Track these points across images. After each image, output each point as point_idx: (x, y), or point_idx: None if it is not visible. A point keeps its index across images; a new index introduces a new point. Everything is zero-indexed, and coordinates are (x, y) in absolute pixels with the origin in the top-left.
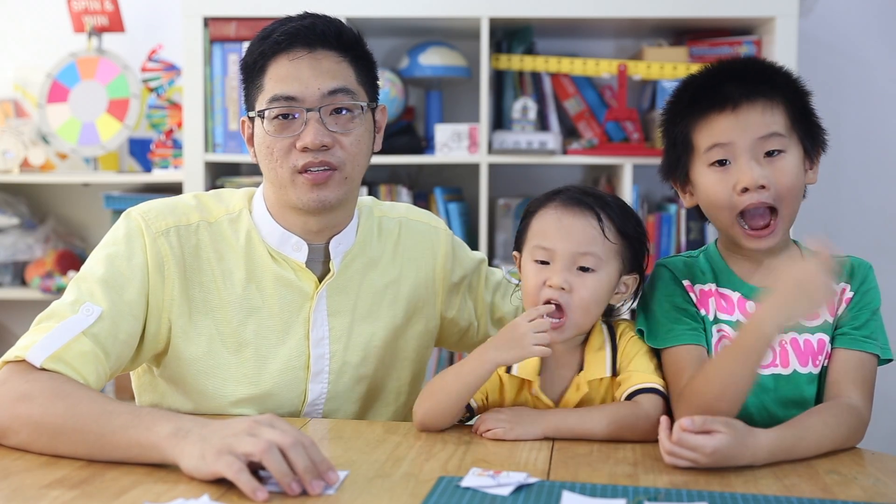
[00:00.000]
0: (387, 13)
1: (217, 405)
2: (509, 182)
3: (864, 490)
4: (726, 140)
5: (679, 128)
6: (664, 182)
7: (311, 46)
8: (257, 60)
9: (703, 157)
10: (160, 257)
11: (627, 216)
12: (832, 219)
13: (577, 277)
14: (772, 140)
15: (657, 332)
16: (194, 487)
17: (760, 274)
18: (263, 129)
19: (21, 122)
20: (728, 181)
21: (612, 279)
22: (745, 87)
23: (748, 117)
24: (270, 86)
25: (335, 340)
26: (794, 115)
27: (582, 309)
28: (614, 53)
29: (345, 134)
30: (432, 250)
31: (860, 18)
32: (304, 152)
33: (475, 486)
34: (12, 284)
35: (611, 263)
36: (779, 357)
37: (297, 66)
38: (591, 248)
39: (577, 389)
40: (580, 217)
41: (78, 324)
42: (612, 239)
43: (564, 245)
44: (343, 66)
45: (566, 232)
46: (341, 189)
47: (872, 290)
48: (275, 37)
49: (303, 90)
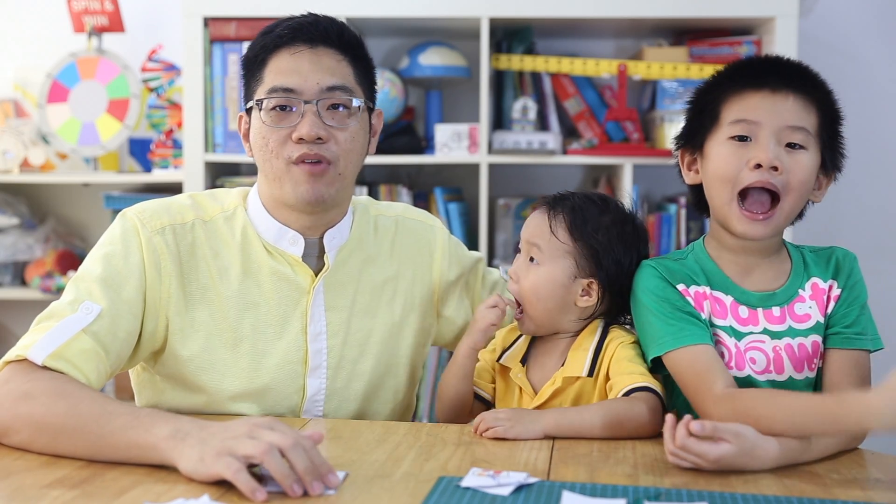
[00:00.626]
0: (387, 13)
1: (216, 400)
2: (509, 182)
3: (864, 490)
4: (754, 118)
5: (709, 97)
6: (675, 150)
7: (313, 42)
8: (258, 54)
9: (725, 130)
10: (156, 255)
11: (590, 222)
12: (832, 219)
13: (525, 269)
14: (798, 133)
15: (661, 335)
16: (194, 487)
17: (752, 277)
18: (261, 120)
19: (21, 122)
20: (743, 156)
21: (558, 277)
22: (788, 79)
23: (783, 103)
24: (270, 78)
25: (333, 335)
26: (824, 123)
27: (526, 299)
28: (614, 53)
29: (340, 129)
30: (429, 248)
31: (860, 18)
32: (299, 143)
33: (475, 486)
34: (12, 284)
35: (557, 261)
36: (773, 363)
37: (298, 59)
38: (536, 241)
39: (553, 383)
40: (538, 214)
41: (78, 322)
42: (561, 238)
43: (523, 236)
44: (343, 65)
45: (526, 226)
46: (335, 185)
47: (859, 283)
48: (277, 31)
49: (301, 83)
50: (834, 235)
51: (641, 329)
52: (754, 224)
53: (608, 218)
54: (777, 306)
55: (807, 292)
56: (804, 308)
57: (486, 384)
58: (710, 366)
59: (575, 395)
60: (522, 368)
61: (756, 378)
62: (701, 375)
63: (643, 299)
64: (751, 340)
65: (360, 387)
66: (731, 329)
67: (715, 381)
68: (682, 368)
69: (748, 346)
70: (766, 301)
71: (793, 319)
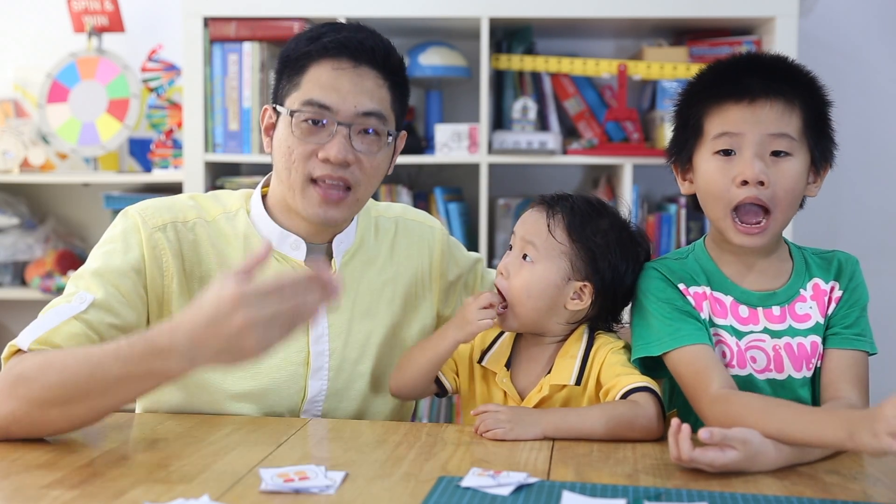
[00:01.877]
0: (387, 13)
1: (216, 399)
2: (509, 182)
3: (864, 490)
4: (736, 130)
5: (692, 111)
6: (667, 164)
7: (357, 61)
8: (301, 58)
9: (709, 144)
10: (157, 251)
11: (588, 224)
12: (832, 219)
13: (517, 266)
14: (781, 140)
15: (659, 337)
16: (194, 487)
17: (752, 277)
18: (290, 129)
19: (21, 122)
20: (729, 172)
21: (552, 277)
22: (766, 83)
23: (763, 112)
24: (308, 88)
25: (334, 337)
26: (809, 121)
27: (515, 297)
28: (614, 53)
29: (368, 155)
30: (428, 248)
31: (860, 18)
32: (324, 163)
33: (475, 486)
34: (12, 284)
35: (553, 261)
36: (773, 362)
37: (339, 76)
38: (531, 239)
39: (539, 390)
40: (536, 211)
41: (70, 310)
42: (558, 238)
43: (517, 233)
44: (382, 90)
45: (522, 222)
46: (350, 211)
47: (860, 287)
48: (324, 41)
49: (339, 102)
50: (834, 235)
51: (638, 331)
52: (750, 237)
53: (606, 222)
54: (777, 305)
55: (808, 292)
56: (805, 308)
57: (450, 373)
58: (707, 365)
59: (562, 403)
60: (507, 373)
61: (757, 377)
62: (698, 375)
63: (644, 302)
64: (751, 339)
65: (360, 387)
66: (732, 328)
67: (711, 382)
68: (680, 368)
69: (749, 345)
70: (766, 300)
71: (793, 319)
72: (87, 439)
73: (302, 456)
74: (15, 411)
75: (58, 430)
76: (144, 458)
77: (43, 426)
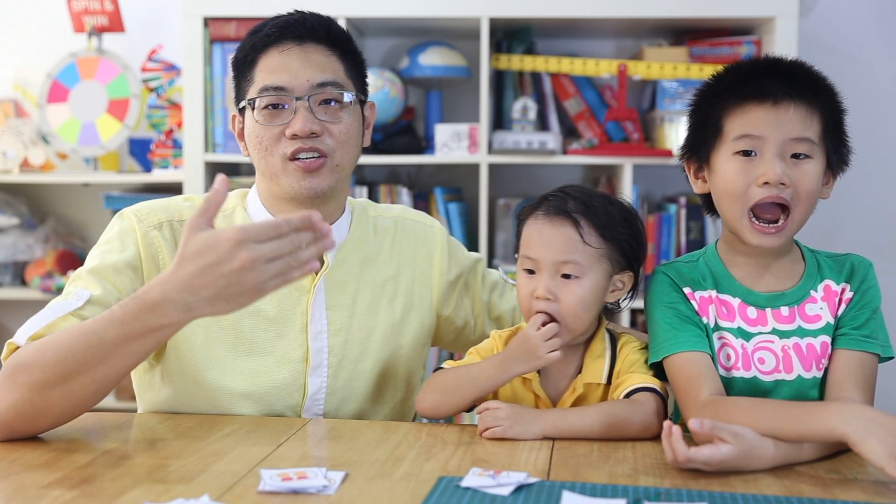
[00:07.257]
0: (387, 13)
1: (216, 398)
2: (509, 182)
3: (864, 490)
4: (758, 133)
5: (711, 110)
6: (679, 161)
7: (301, 39)
8: (248, 54)
9: (729, 145)
10: (154, 249)
11: (612, 219)
12: (832, 219)
13: (561, 286)
14: (802, 144)
15: (660, 343)
16: (194, 487)
17: (763, 278)
18: (254, 119)
19: (21, 122)
20: (750, 172)
21: (600, 282)
22: (789, 86)
23: (786, 115)
24: (261, 77)
25: (334, 334)
26: (828, 127)
27: (570, 315)
28: (614, 53)
29: (334, 123)
30: (428, 248)
31: (860, 18)
32: (293, 140)
33: (475, 486)
34: (12, 284)
35: (595, 268)
36: (782, 363)
37: (287, 57)
38: (570, 257)
39: (573, 391)
40: (559, 226)
41: (66, 307)
42: (594, 244)
43: (546, 255)
44: (332, 60)
45: (547, 242)
46: (332, 177)
47: (872, 289)
48: (265, 30)
49: (292, 80)
50: (834, 235)
51: (649, 336)
52: (767, 237)
53: (609, 203)
54: (786, 306)
55: (819, 294)
56: (815, 309)
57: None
58: (700, 373)
59: (596, 401)
60: (537, 377)
61: (762, 379)
62: (690, 382)
63: (651, 308)
64: (760, 341)
65: (360, 386)
66: (740, 330)
67: (701, 389)
68: (674, 374)
69: (757, 347)
70: (774, 301)
71: (803, 319)
72: (87, 439)
73: (302, 456)
74: (16, 402)
75: (62, 413)
76: (144, 458)
77: (47, 412)
